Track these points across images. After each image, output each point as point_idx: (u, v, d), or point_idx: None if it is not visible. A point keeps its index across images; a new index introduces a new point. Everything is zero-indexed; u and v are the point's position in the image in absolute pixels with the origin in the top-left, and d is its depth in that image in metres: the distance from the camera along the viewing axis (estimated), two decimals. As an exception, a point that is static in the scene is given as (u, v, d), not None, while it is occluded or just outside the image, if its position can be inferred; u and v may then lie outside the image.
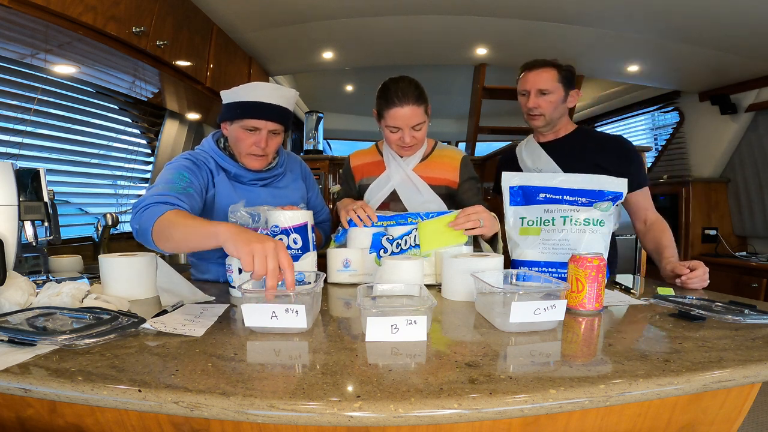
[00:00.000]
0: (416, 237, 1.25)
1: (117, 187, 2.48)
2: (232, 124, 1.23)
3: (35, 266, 1.60)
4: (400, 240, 1.25)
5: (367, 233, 1.26)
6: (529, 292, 0.86)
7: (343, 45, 3.03)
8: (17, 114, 1.78)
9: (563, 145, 1.51)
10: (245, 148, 1.24)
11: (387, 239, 1.26)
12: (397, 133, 1.37)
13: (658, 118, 3.89)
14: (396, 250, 1.25)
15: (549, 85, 1.43)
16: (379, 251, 1.25)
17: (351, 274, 1.25)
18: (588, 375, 0.60)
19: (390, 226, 1.28)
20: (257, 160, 1.27)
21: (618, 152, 1.45)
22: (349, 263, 1.25)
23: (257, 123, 1.20)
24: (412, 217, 1.27)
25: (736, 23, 2.31)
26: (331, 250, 1.27)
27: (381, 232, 1.27)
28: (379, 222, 1.28)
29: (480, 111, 3.69)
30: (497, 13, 2.57)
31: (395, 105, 1.31)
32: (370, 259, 1.25)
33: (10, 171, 0.90)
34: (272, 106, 1.20)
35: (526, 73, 1.49)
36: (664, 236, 1.39)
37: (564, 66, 1.48)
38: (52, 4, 1.33)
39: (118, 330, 0.75)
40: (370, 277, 1.23)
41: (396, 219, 1.28)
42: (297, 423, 0.53)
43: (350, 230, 1.28)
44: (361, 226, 1.26)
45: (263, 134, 1.22)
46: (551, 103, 1.45)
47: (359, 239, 1.27)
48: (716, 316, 0.87)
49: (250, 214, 1.08)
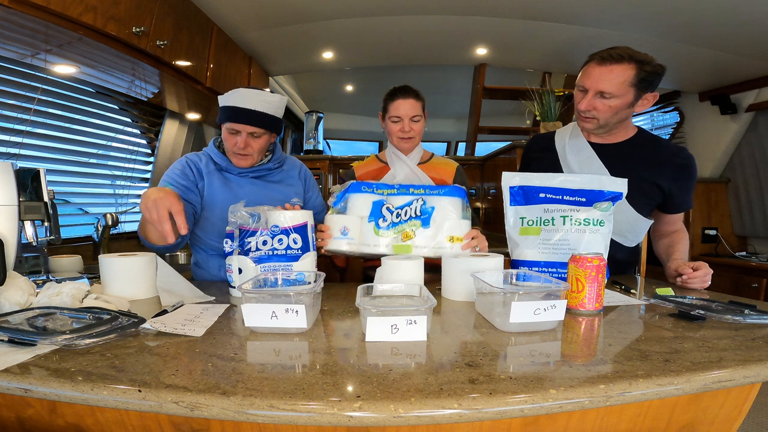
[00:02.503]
0: (417, 209, 1.21)
1: (117, 187, 2.48)
2: (222, 126, 1.37)
3: (35, 266, 1.60)
4: (400, 210, 1.22)
5: (366, 201, 1.23)
6: (529, 292, 0.86)
7: (343, 45, 3.03)
8: (17, 114, 1.78)
9: (618, 152, 1.32)
10: (230, 148, 1.38)
11: (387, 208, 1.22)
12: (399, 123, 1.54)
13: (657, 118, 3.89)
14: (395, 220, 1.21)
15: (615, 89, 1.19)
16: (378, 220, 1.22)
17: (348, 242, 1.21)
18: (588, 375, 0.60)
19: (391, 195, 1.25)
20: (242, 159, 1.39)
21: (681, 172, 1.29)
22: (347, 231, 1.21)
23: (235, 126, 1.32)
24: (415, 188, 1.25)
25: (736, 23, 2.31)
26: (329, 216, 1.25)
27: (381, 200, 1.24)
28: (379, 190, 1.25)
29: (480, 111, 3.69)
30: (497, 13, 2.57)
31: (398, 98, 1.53)
32: (368, 228, 1.21)
33: (10, 171, 0.90)
34: (250, 111, 1.31)
35: (593, 65, 1.22)
36: (681, 242, 1.36)
37: (649, 63, 1.18)
38: (52, 4, 1.33)
39: (118, 330, 0.75)
40: (367, 247, 1.20)
41: (397, 188, 1.25)
42: (297, 423, 0.53)
43: (349, 197, 1.25)
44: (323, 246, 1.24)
45: (243, 136, 1.33)
46: (611, 108, 1.23)
47: (358, 207, 1.24)
48: (716, 316, 0.87)
49: (250, 213, 1.08)
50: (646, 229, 1.41)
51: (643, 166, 1.30)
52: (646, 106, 1.26)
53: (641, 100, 1.23)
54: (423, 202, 1.22)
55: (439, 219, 1.20)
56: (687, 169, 1.31)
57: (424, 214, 1.21)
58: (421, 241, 1.19)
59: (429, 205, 1.22)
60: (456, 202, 1.23)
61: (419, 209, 1.22)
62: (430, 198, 1.22)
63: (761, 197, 3.13)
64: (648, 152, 1.31)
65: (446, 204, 1.22)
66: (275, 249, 1.08)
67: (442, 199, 1.22)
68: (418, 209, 1.22)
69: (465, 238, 1.19)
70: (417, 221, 1.21)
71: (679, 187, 1.31)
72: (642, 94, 1.22)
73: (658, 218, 1.43)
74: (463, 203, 1.24)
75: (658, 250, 1.43)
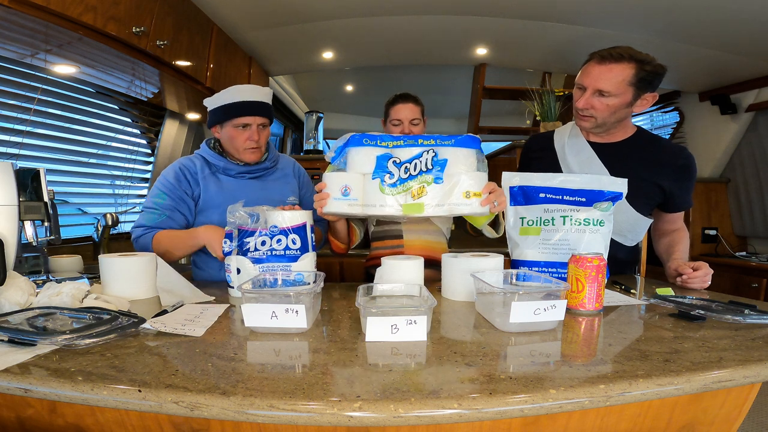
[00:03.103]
0: (428, 161, 1.08)
1: (117, 187, 2.48)
2: (224, 126, 1.38)
3: (35, 266, 1.60)
4: (409, 164, 1.08)
5: (369, 155, 1.09)
6: (529, 292, 0.86)
7: (343, 45, 3.03)
8: (17, 114, 1.78)
9: (617, 152, 1.32)
10: (241, 144, 1.37)
11: (393, 162, 1.09)
12: (399, 126, 1.58)
13: (657, 118, 3.89)
14: (404, 175, 1.08)
15: (613, 88, 1.19)
16: (384, 176, 1.08)
17: (350, 203, 1.08)
18: (588, 375, 0.60)
19: (397, 147, 1.10)
20: (253, 153, 1.40)
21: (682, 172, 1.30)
22: (349, 191, 1.08)
23: (247, 119, 1.35)
24: (424, 139, 1.11)
25: (736, 23, 2.31)
26: (328, 174, 1.12)
27: (386, 153, 1.09)
28: (384, 142, 1.11)
29: (480, 111, 3.69)
30: (497, 13, 2.57)
31: (398, 103, 1.59)
32: (373, 186, 1.08)
33: (10, 171, 0.90)
34: (257, 102, 1.36)
35: (593, 64, 1.23)
36: (682, 241, 1.36)
37: (649, 62, 1.18)
38: (52, 4, 1.33)
39: (118, 330, 0.75)
40: (373, 208, 1.08)
41: (404, 139, 1.12)
42: (297, 423, 0.53)
43: (349, 150, 1.12)
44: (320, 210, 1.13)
45: (254, 129, 1.36)
46: (608, 108, 1.23)
47: (360, 162, 1.10)
48: (716, 316, 0.87)
49: (249, 213, 1.08)
50: (646, 228, 1.41)
51: (643, 166, 1.30)
52: (645, 107, 1.26)
53: (640, 99, 1.23)
54: (434, 154, 1.08)
55: (454, 172, 1.07)
56: (687, 168, 1.31)
57: (436, 167, 1.07)
58: (434, 199, 1.07)
59: (441, 157, 1.08)
60: (470, 153, 1.11)
61: (430, 162, 1.08)
62: (443, 149, 1.09)
63: (761, 197, 3.13)
64: (648, 152, 1.31)
65: (460, 155, 1.09)
66: (274, 249, 1.08)
67: (455, 150, 1.09)
68: (429, 162, 1.08)
69: (483, 192, 1.08)
70: (428, 175, 1.07)
71: (679, 186, 1.31)
72: (641, 94, 1.22)
73: (658, 217, 1.43)
74: (479, 153, 1.13)
75: (659, 250, 1.43)
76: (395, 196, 1.08)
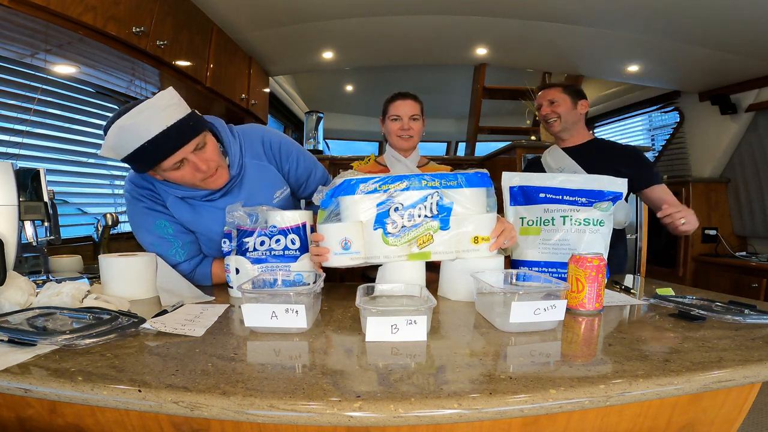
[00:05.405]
0: (433, 206, 1.00)
1: (116, 187, 2.48)
2: (155, 171, 1.06)
3: (35, 266, 1.60)
4: (413, 209, 1.00)
5: (367, 203, 1.00)
6: (529, 292, 0.86)
7: (343, 45, 3.03)
8: (17, 114, 1.78)
9: (582, 151, 1.68)
10: (190, 182, 1.09)
11: (395, 209, 1.00)
12: (398, 121, 1.61)
13: (656, 119, 3.89)
14: (407, 223, 1.00)
15: (556, 96, 1.70)
16: (386, 226, 0.99)
17: (353, 256, 1.00)
18: (588, 375, 0.60)
19: (398, 191, 1.01)
20: (214, 181, 1.11)
21: (629, 156, 1.63)
22: (350, 244, 0.99)
23: (174, 159, 1.01)
24: (428, 179, 1.01)
25: (736, 23, 2.31)
26: (325, 226, 1.01)
27: (387, 199, 1.01)
28: (383, 186, 1.01)
29: (480, 111, 3.69)
30: (497, 13, 2.57)
31: (398, 99, 1.63)
32: (375, 238, 0.99)
33: (10, 171, 0.90)
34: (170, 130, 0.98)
35: (539, 93, 1.79)
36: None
37: (567, 84, 1.78)
38: (52, 4, 1.33)
39: (118, 330, 0.75)
40: (377, 260, 1.01)
41: (406, 180, 1.01)
42: (297, 423, 0.53)
43: (342, 200, 1.03)
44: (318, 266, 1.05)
45: (190, 162, 1.03)
46: (561, 108, 1.69)
47: (356, 210, 1.01)
48: (716, 316, 0.87)
49: (248, 213, 1.08)
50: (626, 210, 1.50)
51: (603, 159, 1.62)
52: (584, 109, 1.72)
53: (578, 104, 1.69)
54: (440, 197, 1.02)
55: (461, 217, 1.02)
56: (635, 154, 1.65)
57: (442, 213, 1.01)
58: (441, 245, 1.01)
59: (447, 201, 1.02)
60: (479, 192, 1.05)
61: (435, 207, 1.01)
62: (448, 192, 1.02)
63: (761, 197, 3.13)
64: (604, 151, 1.66)
65: (468, 197, 1.03)
66: (273, 249, 1.08)
67: (462, 192, 1.03)
68: (434, 207, 1.01)
69: (492, 235, 1.03)
70: (434, 222, 1.01)
71: (635, 168, 1.58)
72: (577, 100, 1.69)
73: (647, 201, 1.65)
74: (488, 191, 1.07)
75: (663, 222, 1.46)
76: (400, 246, 1.01)
